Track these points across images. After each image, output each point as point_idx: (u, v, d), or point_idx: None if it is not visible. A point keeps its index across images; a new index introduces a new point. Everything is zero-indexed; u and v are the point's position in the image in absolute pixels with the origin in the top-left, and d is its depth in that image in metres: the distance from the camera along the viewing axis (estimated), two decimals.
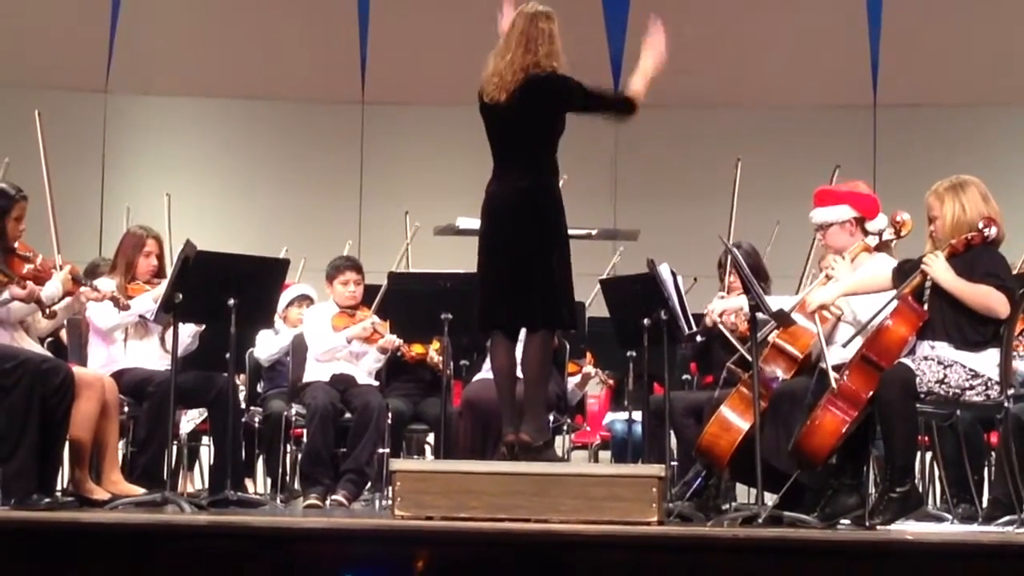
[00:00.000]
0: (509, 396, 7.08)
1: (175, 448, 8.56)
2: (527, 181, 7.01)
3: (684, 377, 9.16)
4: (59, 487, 7.59)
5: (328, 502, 8.49)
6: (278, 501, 8.99)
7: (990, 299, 6.79)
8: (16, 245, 7.45)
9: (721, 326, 8.19)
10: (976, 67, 13.10)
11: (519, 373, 7.18)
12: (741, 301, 7.70)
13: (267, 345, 9.55)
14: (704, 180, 12.89)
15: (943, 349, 6.86)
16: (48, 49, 12.89)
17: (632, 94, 7.18)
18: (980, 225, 6.91)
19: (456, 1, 13.14)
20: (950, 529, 7.25)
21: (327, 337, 9.09)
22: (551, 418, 8.79)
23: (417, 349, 9.27)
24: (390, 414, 8.97)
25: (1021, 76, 13.01)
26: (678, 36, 12.51)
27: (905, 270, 7.04)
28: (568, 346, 9.29)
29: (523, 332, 7.16)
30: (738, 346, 7.96)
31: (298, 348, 9.30)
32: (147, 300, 8.11)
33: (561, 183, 7.16)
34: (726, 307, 8.19)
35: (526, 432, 6.94)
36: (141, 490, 7.57)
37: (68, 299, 7.68)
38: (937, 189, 7.06)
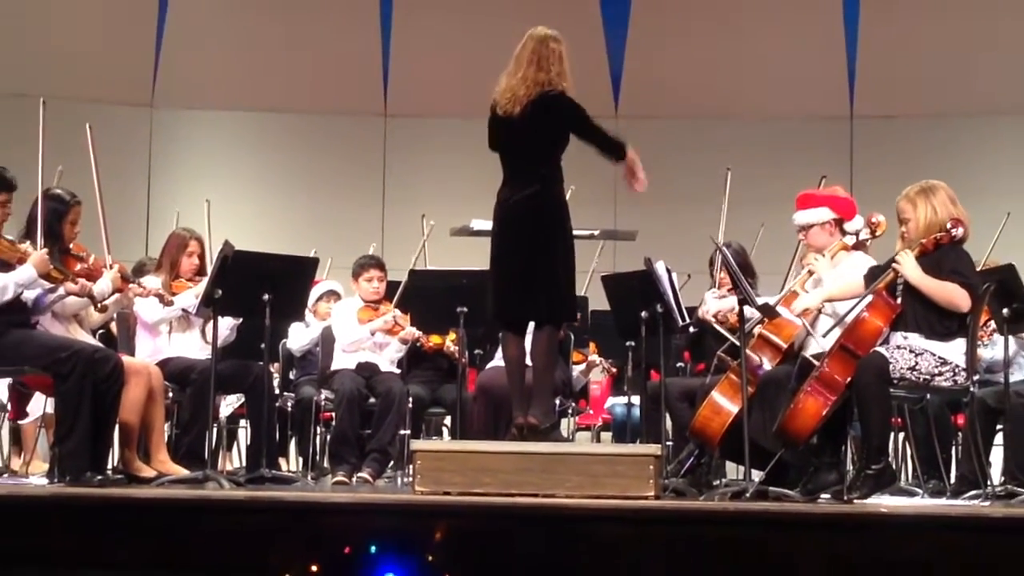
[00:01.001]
0: (519, 383, 7.11)
1: (215, 430, 8.56)
2: (535, 189, 7.01)
3: (678, 365, 9.17)
4: (110, 466, 7.59)
5: (355, 479, 8.50)
6: (309, 478, 9.00)
7: (953, 295, 6.81)
8: (71, 246, 7.50)
9: (712, 321, 8.21)
10: (946, 81, 13.08)
11: (528, 362, 7.20)
12: (734, 302, 7.68)
13: (298, 337, 9.56)
14: (696, 185, 12.86)
15: (914, 339, 6.87)
16: (98, 67, 12.90)
17: (627, 146, 7.22)
18: (948, 226, 6.92)
19: (469, 24, 13.14)
20: (921, 503, 7.26)
21: (353, 329, 9.10)
22: (557, 402, 8.81)
23: (435, 340, 9.28)
24: (411, 399, 8.97)
25: (987, 89, 12.98)
26: (674, 50, 12.54)
27: (876, 274, 7.06)
28: (573, 337, 9.28)
29: (531, 325, 7.19)
30: (728, 336, 7.96)
31: (327, 339, 9.30)
32: (189, 296, 8.12)
33: (568, 194, 7.17)
34: (720, 307, 8.20)
35: (534, 415, 6.96)
36: (184, 469, 7.59)
37: (117, 295, 7.70)
38: (908, 193, 7.06)
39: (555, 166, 7.08)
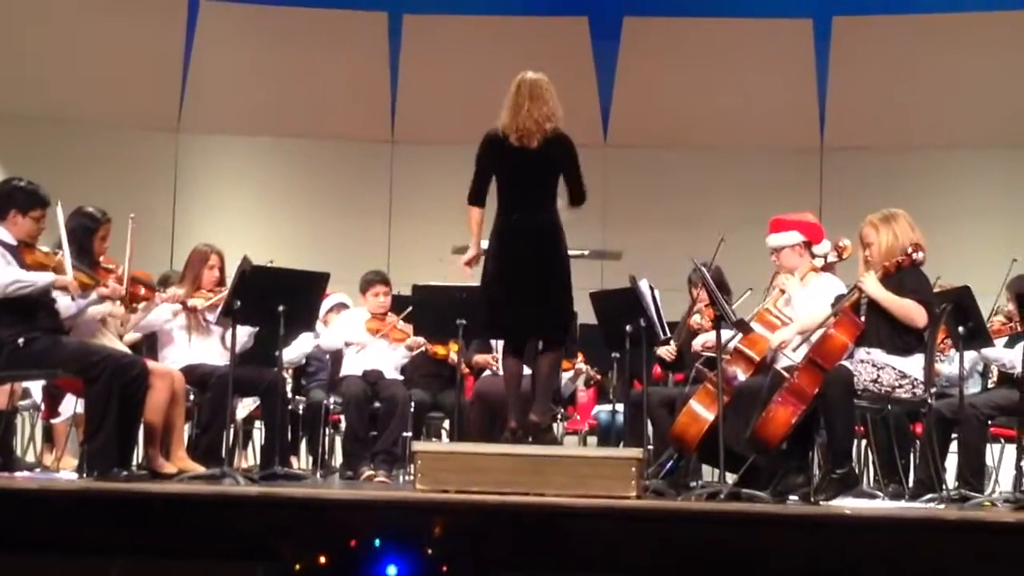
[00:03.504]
0: (516, 392, 7.15)
1: (232, 430, 8.56)
2: (545, 214, 7.12)
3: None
4: (134, 462, 7.59)
5: (363, 477, 8.55)
6: (318, 475, 9.01)
7: (911, 311, 6.85)
8: (101, 259, 7.55)
9: (701, 349, 8.18)
10: (912, 115, 13.07)
11: (526, 371, 7.25)
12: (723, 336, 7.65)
13: (290, 350, 9.48)
14: (677, 209, 12.90)
15: (877, 354, 6.89)
16: (129, 94, 12.91)
17: (582, 200, 7.22)
18: (909, 250, 6.95)
19: (471, 58, 13.16)
20: (881, 505, 7.25)
21: (341, 335, 9.34)
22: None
23: (441, 351, 9.35)
24: (413, 404, 9.00)
25: (952, 123, 12.96)
26: (658, 85, 12.55)
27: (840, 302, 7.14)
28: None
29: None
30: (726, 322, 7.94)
31: (336, 352, 9.40)
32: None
33: None
34: (705, 340, 8.14)
35: (536, 413, 7.05)
36: (203, 466, 7.59)
37: (145, 302, 7.77)
38: (872, 220, 7.10)
39: (556, 194, 7.15)
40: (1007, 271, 8.21)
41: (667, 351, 8.64)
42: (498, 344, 9.00)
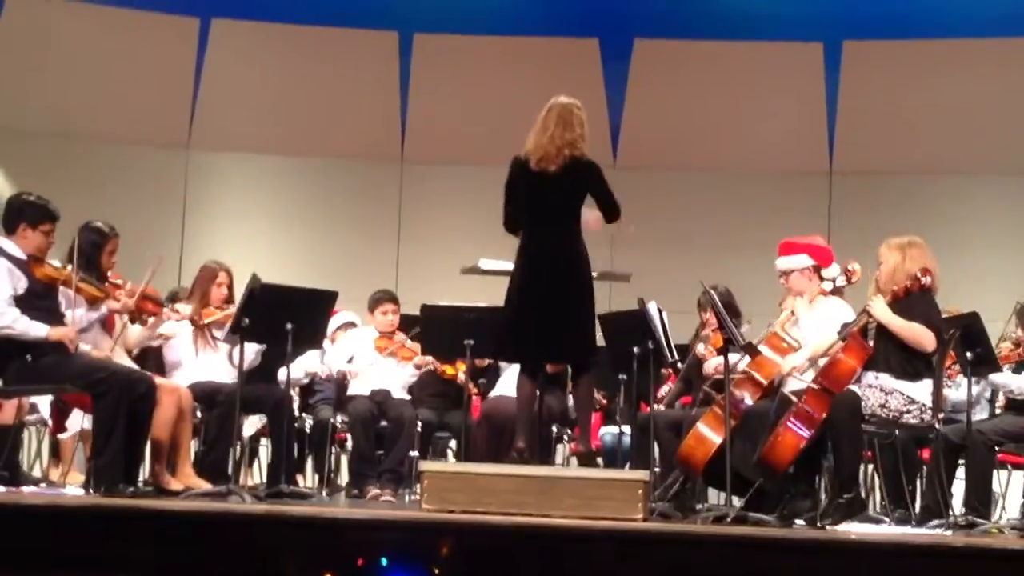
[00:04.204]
0: (527, 415, 7.16)
1: (239, 448, 8.56)
2: (573, 241, 7.12)
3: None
4: (141, 478, 7.59)
5: (369, 496, 8.54)
6: (324, 494, 9.00)
7: (920, 335, 6.86)
8: (109, 273, 7.57)
9: (712, 372, 8.18)
10: (921, 141, 13.07)
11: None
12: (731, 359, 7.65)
13: (296, 367, 9.46)
14: (686, 231, 12.90)
15: (885, 379, 6.89)
16: (140, 111, 12.94)
17: (617, 215, 7.24)
18: (917, 274, 6.96)
19: (481, 79, 13.18)
20: (888, 530, 7.25)
21: (344, 355, 9.37)
22: (554, 430, 8.87)
23: (450, 371, 9.35)
24: (419, 423, 9.00)
25: (961, 149, 12.97)
26: (668, 107, 12.56)
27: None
28: (570, 370, 9.29)
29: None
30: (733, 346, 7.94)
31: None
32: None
33: None
34: (718, 364, 8.14)
35: (583, 445, 7.20)
36: (209, 483, 7.58)
37: (153, 318, 7.78)
38: (890, 241, 7.16)
39: (579, 219, 7.15)
40: (1017, 298, 8.20)
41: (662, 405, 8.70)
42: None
